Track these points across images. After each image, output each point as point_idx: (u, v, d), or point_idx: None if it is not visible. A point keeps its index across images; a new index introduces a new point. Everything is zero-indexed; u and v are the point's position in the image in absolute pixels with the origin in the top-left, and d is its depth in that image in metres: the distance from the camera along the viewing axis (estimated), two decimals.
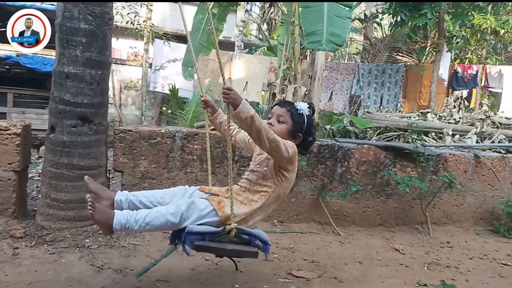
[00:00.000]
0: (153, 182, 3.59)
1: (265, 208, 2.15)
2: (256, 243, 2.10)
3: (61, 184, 3.22)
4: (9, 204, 3.31)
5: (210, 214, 2.02)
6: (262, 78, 10.15)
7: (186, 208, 1.99)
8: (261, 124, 1.89)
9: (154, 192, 2.25)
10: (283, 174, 2.11)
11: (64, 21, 3.15)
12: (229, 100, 1.87)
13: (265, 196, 2.11)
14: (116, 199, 2.15)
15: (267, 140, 1.90)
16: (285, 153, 1.98)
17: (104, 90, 3.39)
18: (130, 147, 3.53)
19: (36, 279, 2.51)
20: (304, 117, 2.16)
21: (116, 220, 1.94)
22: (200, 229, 1.99)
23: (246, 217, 2.08)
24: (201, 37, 7.40)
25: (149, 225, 1.97)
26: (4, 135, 3.26)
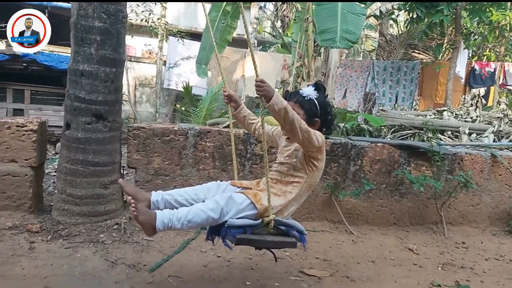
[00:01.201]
0: (166, 178, 3.62)
1: (299, 199, 2.19)
2: (293, 234, 2.13)
3: (76, 180, 3.27)
4: (25, 199, 3.38)
5: (248, 207, 2.04)
6: (276, 75, 10.11)
7: (225, 203, 2.02)
8: (294, 115, 1.92)
9: (187, 190, 2.27)
10: (313, 163, 2.14)
11: (79, 19, 3.19)
12: (262, 93, 1.91)
13: (298, 186, 2.15)
14: (152, 200, 2.17)
15: (300, 130, 1.93)
16: (315, 143, 2.02)
17: (118, 88, 3.42)
18: (143, 144, 3.56)
19: (51, 273, 2.56)
20: (314, 101, 2.15)
21: (159, 220, 1.96)
22: (240, 222, 2.02)
23: (282, 209, 2.12)
24: (215, 34, 7.41)
25: (191, 222, 2.00)
26: (21, 132, 3.33)
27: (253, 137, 3.69)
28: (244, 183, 2.33)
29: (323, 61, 7.17)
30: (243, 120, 2.48)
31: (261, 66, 10.26)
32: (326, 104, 2.21)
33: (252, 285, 2.61)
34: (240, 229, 2.01)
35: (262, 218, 2.04)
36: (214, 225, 2.08)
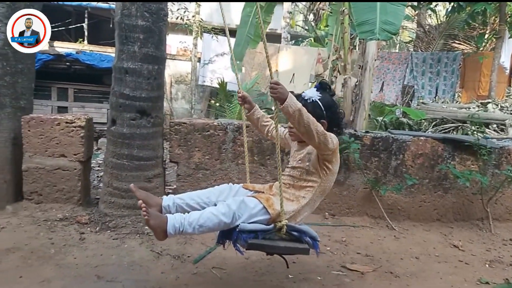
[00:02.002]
0: (207, 173, 3.69)
1: (312, 204, 2.13)
2: (306, 240, 2.07)
3: (122, 174, 3.39)
4: (75, 192, 3.54)
5: (260, 212, 2.00)
6: (310, 69, 10.03)
7: (237, 207, 1.97)
8: (309, 118, 1.85)
9: (199, 193, 2.25)
10: (327, 166, 2.06)
11: (123, 19, 3.29)
12: (276, 95, 1.84)
13: (311, 191, 2.08)
14: (163, 205, 2.16)
15: (316, 133, 1.87)
16: (331, 145, 1.95)
17: (160, 85, 3.51)
18: (184, 139, 3.64)
19: (101, 262, 2.68)
20: (318, 103, 2.07)
21: (170, 225, 1.93)
22: (252, 227, 1.97)
23: (295, 214, 2.06)
24: (249, 30, 7.43)
25: (202, 227, 1.96)
26: (70, 128, 3.49)
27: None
28: (256, 187, 2.30)
29: (359, 54, 7.01)
30: (257, 122, 2.44)
31: (295, 60, 10.24)
32: (331, 104, 2.13)
33: (294, 278, 2.62)
34: (252, 234, 1.97)
35: (274, 223, 2.00)
36: (225, 229, 2.05)
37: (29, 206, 3.46)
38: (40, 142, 3.44)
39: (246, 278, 2.58)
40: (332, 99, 2.16)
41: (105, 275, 2.51)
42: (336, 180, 3.69)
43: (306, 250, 2.08)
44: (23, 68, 3.56)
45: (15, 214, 3.33)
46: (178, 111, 12.11)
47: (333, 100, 2.17)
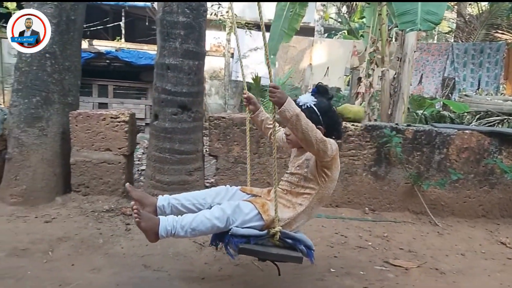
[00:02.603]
0: (245, 166, 3.72)
1: (309, 211, 2.07)
2: (300, 248, 2.02)
3: (164, 167, 3.48)
4: (119, 184, 3.67)
5: (255, 218, 1.97)
6: (345, 62, 9.85)
7: (232, 212, 1.95)
8: (308, 123, 1.79)
9: (195, 194, 2.23)
10: (326, 173, 1.99)
11: (164, 16, 3.36)
12: (274, 99, 1.80)
13: (308, 198, 2.03)
14: (158, 205, 2.15)
15: (316, 140, 1.80)
16: (330, 152, 1.88)
17: (200, 80, 3.57)
18: (224, 133, 3.69)
19: (147, 252, 2.77)
20: (313, 108, 1.98)
21: (162, 227, 1.91)
22: (245, 232, 1.94)
23: (290, 221, 2.02)
24: (283, 24, 7.39)
25: (195, 231, 1.95)
26: (114, 123, 3.61)
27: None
28: (254, 190, 2.26)
29: (398, 46, 6.84)
30: (261, 124, 2.40)
31: (329, 53, 10.09)
32: (328, 109, 2.04)
33: (336, 272, 2.61)
34: (244, 239, 1.94)
35: (268, 229, 1.97)
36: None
37: (77, 197, 3.62)
38: (87, 136, 3.59)
39: (288, 271, 2.59)
40: (329, 103, 2.07)
41: (151, 265, 2.60)
42: (377, 175, 3.68)
43: (299, 259, 2.02)
44: (70, 65, 3.72)
45: (64, 206, 3.50)
46: (212, 107, 12.24)
47: (330, 104, 2.08)
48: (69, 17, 3.66)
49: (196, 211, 2.08)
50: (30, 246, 2.70)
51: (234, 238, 1.94)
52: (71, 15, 3.68)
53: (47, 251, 2.66)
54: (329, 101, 2.08)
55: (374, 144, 3.68)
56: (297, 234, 2.06)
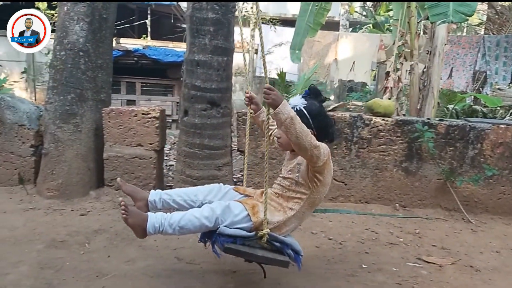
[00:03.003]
0: (273, 162, 3.73)
1: (301, 216, 2.05)
2: (288, 252, 2.01)
3: (194, 162, 3.53)
4: (150, 179, 3.75)
5: (244, 219, 1.96)
6: (371, 57, 9.70)
7: (221, 212, 1.95)
8: (302, 128, 1.77)
9: (187, 190, 2.23)
10: (318, 178, 1.95)
11: (194, 12, 3.39)
12: (269, 101, 1.77)
13: (299, 203, 2.01)
14: (150, 200, 2.16)
15: (310, 145, 1.78)
16: (322, 156, 1.86)
17: (229, 76, 3.59)
18: (252, 129, 3.70)
19: (179, 245, 2.82)
20: (303, 111, 1.94)
21: (150, 224, 1.92)
22: (232, 232, 1.94)
23: (280, 225, 2.01)
24: (308, 18, 7.34)
25: (183, 229, 1.95)
26: (145, 119, 3.68)
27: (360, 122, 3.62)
28: (247, 191, 2.24)
29: (427, 39, 6.67)
30: (261, 124, 2.35)
31: (355, 48, 9.96)
32: (318, 111, 2.00)
33: (368, 268, 2.59)
34: (230, 239, 1.94)
35: (256, 231, 1.96)
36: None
37: (110, 192, 3.72)
38: (119, 132, 3.68)
39: (319, 267, 2.59)
40: (320, 106, 2.04)
41: (184, 257, 2.65)
42: (408, 171, 3.63)
43: (286, 263, 2.00)
44: (102, 63, 3.81)
45: (97, 199, 3.60)
46: (236, 103, 12.28)
47: (321, 107, 2.04)
48: (101, 16, 3.75)
49: (188, 208, 2.10)
50: (67, 238, 2.80)
51: (221, 237, 1.94)
52: (103, 14, 3.76)
53: (84, 243, 2.75)
54: (320, 104, 2.05)
55: (405, 139, 3.61)
56: (286, 238, 2.04)
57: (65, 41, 3.61)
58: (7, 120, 3.70)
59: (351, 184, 3.72)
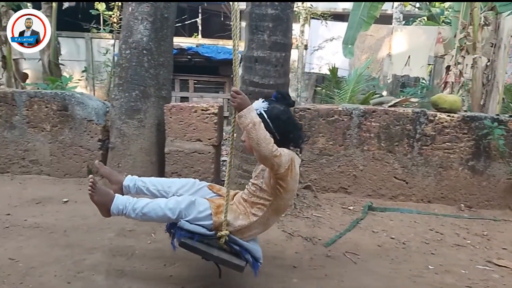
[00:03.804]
0: (330, 158, 3.69)
1: (265, 221, 2.03)
2: (246, 257, 1.99)
3: (250, 157, 3.56)
4: (208, 173, 3.84)
5: (207, 218, 1.97)
6: (428, 50, 9.28)
7: (186, 206, 1.96)
8: (265, 135, 1.74)
9: (162, 181, 2.25)
10: (281, 185, 1.91)
11: (253, 9, 3.42)
12: (235, 104, 1.77)
13: (262, 209, 1.98)
14: (124, 184, 2.21)
15: (270, 153, 1.74)
16: (284, 163, 1.82)
17: (286, 71, 3.59)
18: (309, 125, 3.69)
19: None
20: (263, 115, 1.88)
21: (115, 205, 1.98)
22: (191, 227, 1.95)
23: (243, 230, 1.99)
24: (362, 12, 7.17)
25: (145, 216, 1.99)
26: (205, 115, 3.77)
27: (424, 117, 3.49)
28: (221, 190, 2.21)
29: (492, 31, 6.29)
30: None
31: (410, 41, 9.57)
32: (280, 115, 1.92)
33: (435, 269, 2.50)
34: (188, 234, 1.95)
35: (216, 231, 1.96)
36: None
37: None
38: (179, 127, 3.80)
39: (383, 266, 2.54)
40: (283, 110, 1.96)
41: None
42: (474, 169, 3.45)
43: (241, 268, 1.98)
44: (163, 61, 3.95)
45: None
46: None
47: (285, 111, 1.96)
48: (163, 15, 3.88)
49: (159, 197, 2.14)
50: (135, 227, 2.94)
51: (180, 231, 1.96)
52: (165, 13, 3.90)
53: (150, 233, 2.88)
54: (284, 108, 1.98)
55: (472, 136, 3.44)
56: (248, 243, 2.03)
57: (130, 40, 3.79)
58: (77, 116, 3.95)
59: (412, 183, 3.60)
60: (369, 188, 3.68)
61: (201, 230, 1.97)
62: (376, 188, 3.68)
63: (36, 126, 3.92)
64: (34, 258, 2.36)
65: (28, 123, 3.91)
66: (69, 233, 2.76)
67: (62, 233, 2.75)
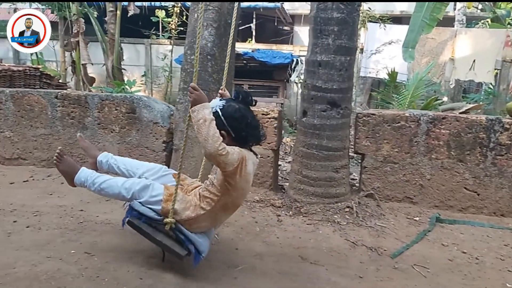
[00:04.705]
0: (395, 166, 3.56)
1: (213, 216, 2.11)
2: (189, 248, 2.09)
3: (311, 163, 3.53)
4: (267, 177, 3.85)
5: (157, 203, 2.08)
6: (495, 54, 8.72)
7: (140, 188, 2.11)
8: (214, 133, 1.83)
9: (132, 162, 2.44)
10: (229, 182, 1.98)
11: (318, 13, 3.39)
12: (191, 99, 1.89)
13: (210, 204, 2.06)
14: (98, 159, 2.45)
15: (214, 151, 1.82)
16: (232, 161, 1.90)
17: (350, 76, 3.52)
18: (373, 131, 3.59)
19: (301, 244, 2.84)
20: (218, 112, 1.99)
21: (78, 176, 2.22)
22: (141, 209, 2.09)
23: (190, 221, 2.08)
24: (424, 14, 6.90)
25: (103, 191, 2.19)
26: (265, 119, 3.79)
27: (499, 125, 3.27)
28: (185, 181, 2.30)
29: None
30: None
31: (475, 45, 9.05)
32: (234, 113, 2.02)
33: None
34: (137, 214, 2.10)
35: (165, 217, 2.06)
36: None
37: None
38: None
39: (455, 281, 2.40)
40: (239, 108, 2.04)
41: (308, 257, 2.66)
42: None
43: (180, 256, 2.12)
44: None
45: None
46: None
47: (240, 109, 2.04)
48: (227, 21, 3.95)
49: (127, 177, 2.32)
50: None
51: (132, 211, 2.12)
52: (228, 19, 3.96)
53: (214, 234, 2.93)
54: (241, 106, 2.06)
55: None
56: (194, 235, 2.13)
57: (195, 46, 3.89)
58: (143, 118, 4.13)
59: (484, 195, 3.38)
60: (436, 199, 3.50)
61: (150, 214, 2.11)
62: (444, 199, 3.49)
63: (106, 127, 4.14)
64: (108, 253, 2.47)
65: (99, 124, 4.14)
66: None
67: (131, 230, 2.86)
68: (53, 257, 2.36)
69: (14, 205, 3.19)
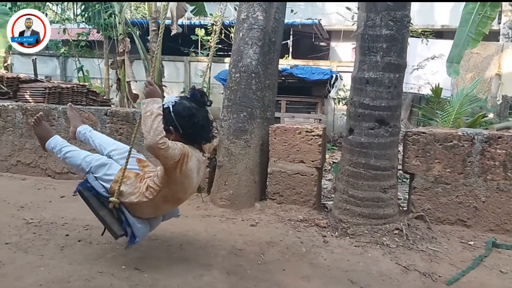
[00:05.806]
0: (447, 187, 3.40)
1: (155, 206, 2.24)
2: (127, 229, 2.25)
3: (358, 183, 3.43)
4: (311, 196, 3.79)
5: (108, 181, 2.25)
6: None
7: (98, 165, 2.31)
8: (157, 128, 1.95)
9: (105, 139, 2.63)
10: (169, 176, 2.10)
11: (366, 30, 3.35)
12: (145, 92, 2.07)
13: (152, 193, 2.17)
14: (77, 129, 2.68)
15: (154, 144, 1.94)
16: (172, 156, 2.01)
17: (399, 93, 3.43)
18: (423, 150, 3.46)
19: (350, 268, 2.75)
20: (169, 108, 2.13)
21: (49, 142, 2.49)
22: (94, 183, 2.27)
23: (133, 205, 2.23)
24: (470, 28, 6.67)
25: (66, 160, 2.43)
26: (309, 136, 3.76)
27: None
28: (146, 169, 2.40)
29: None
30: None
31: None
32: (184, 110, 2.15)
33: None
34: (89, 186, 2.26)
35: (112, 195, 2.21)
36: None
37: (272, 205, 3.86)
38: (283, 148, 3.82)
39: None
40: (190, 107, 2.16)
41: (357, 281, 2.56)
42: None
43: (116, 235, 2.28)
44: (269, 83, 4.05)
45: (262, 212, 3.77)
46: None
47: (190, 108, 2.16)
48: (271, 39, 3.99)
49: (99, 152, 2.53)
50: (244, 246, 2.98)
51: (86, 183, 2.29)
52: (272, 37, 4.01)
53: (259, 253, 2.89)
54: (193, 105, 2.17)
55: None
56: (134, 219, 2.26)
57: (240, 64, 3.94)
58: None
59: None
60: (492, 222, 3.31)
61: (100, 189, 2.27)
62: (500, 223, 3.29)
63: None
64: (157, 269, 2.49)
65: None
66: (185, 247, 2.88)
67: (179, 246, 2.88)
68: (105, 272, 2.41)
69: (66, 219, 3.30)
